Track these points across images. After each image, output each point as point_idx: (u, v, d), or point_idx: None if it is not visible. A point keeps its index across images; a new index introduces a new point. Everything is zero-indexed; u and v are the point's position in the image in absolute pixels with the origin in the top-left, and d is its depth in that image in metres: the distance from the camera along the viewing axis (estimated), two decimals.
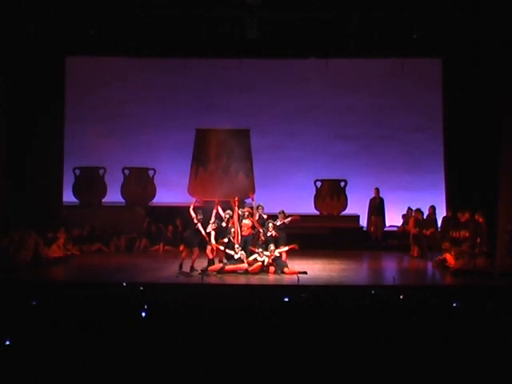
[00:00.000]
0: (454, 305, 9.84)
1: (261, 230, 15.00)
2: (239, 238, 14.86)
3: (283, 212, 15.31)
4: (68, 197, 19.29)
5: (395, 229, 18.40)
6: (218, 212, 15.03)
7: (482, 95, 17.63)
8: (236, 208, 15.05)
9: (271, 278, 14.37)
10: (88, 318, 8.45)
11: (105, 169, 19.61)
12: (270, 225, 15.01)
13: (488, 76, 17.28)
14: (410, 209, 17.76)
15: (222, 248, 14.80)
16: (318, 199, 19.48)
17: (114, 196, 19.56)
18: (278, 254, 14.77)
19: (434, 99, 19.30)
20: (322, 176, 19.70)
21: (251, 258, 14.75)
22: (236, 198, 15.14)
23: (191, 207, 14.89)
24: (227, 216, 15.02)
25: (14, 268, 14.63)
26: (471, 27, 17.02)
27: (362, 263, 17.08)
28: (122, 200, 19.57)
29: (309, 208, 19.40)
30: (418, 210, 17.26)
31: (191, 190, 19.06)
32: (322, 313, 9.02)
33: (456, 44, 17.88)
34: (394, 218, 18.76)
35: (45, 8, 16.82)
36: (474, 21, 16.79)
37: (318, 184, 19.59)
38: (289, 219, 15.22)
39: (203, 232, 14.70)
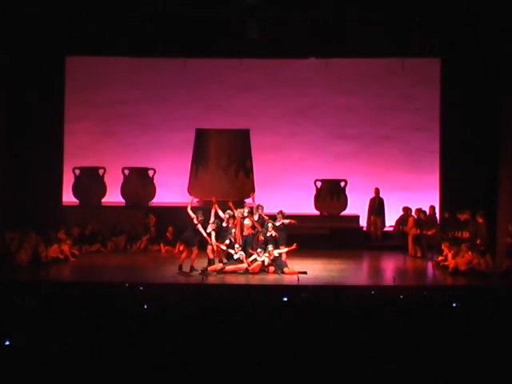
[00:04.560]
0: (454, 305, 9.85)
1: (260, 230, 15.01)
2: (240, 239, 14.92)
3: (282, 212, 15.34)
4: (68, 197, 19.28)
5: (391, 229, 18.37)
6: (216, 212, 15.06)
7: (480, 95, 17.62)
8: (236, 211, 15.11)
9: (271, 277, 14.38)
10: (88, 317, 8.45)
11: (105, 169, 19.59)
12: (270, 225, 15.04)
13: (487, 76, 17.28)
14: (406, 208, 17.71)
15: (224, 248, 14.82)
16: (318, 199, 19.46)
17: (113, 196, 19.55)
18: (277, 255, 14.79)
19: (433, 99, 19.29)
20: (321, 176, 19.69)
21: (251, 259, 14.77)
22: (230, 202, 15.23)
23: (189, 207, 14.94)
24: (227, 216, 15.04)
25: (14, 268, 14.64)
26: (471, 27, 17.01)
27: (361, 263, 17.09)
28: (122, 200, 19.55)
29: (309, 208, 19.39)
30: (419, 210, 17.26)
31: (191, 190, 19.04)
32: (321, 313, 9.02)
33: (455, 44, 17.87)
34: (393, 218, 18.74)
35: (45, 8, 16.82)
36: (473, 21, 16.79)
37: (318, 184, 19.58)
38: (287, 221, 15.25)
39: (204, 233, 14.72)
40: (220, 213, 15.07)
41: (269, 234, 15.00)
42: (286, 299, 10.26)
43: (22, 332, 7.77)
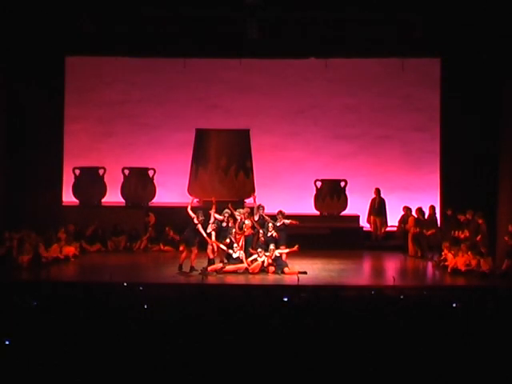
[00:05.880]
0: (454, 305, 9.84)
1: (261, 231, 15.03)
2: (241, 239, 14.95)
3: (282, 213, 15.34)
4: (68, 197, 19.28)
5: (394, 229, 18.38)
6: (215, 212, 15.06)
7: (480, 95, 17.63)
8: (235, 212, 15.13)
9: (271, 277, 14.39)
10: (88, 317, 8.45)
11: (105, 169, 19.59)
12: (270, 225, 15.05)
13: (487, 76, 17.29)
14: (407, 208, 17.72)
15: (224, 248, 14.81)
16: (318, 199, 19.46)
17: (114, 196, 19.55)
18: (278, 255, 14.79)
19: (433, 99, 19.29)
20: (321, 176, 19.69)
21: (251, 258, 14.78)
22: (229, 205, 15.24)
23: (189, 207, 14.96)
24: (226, 215, 15.05)
25: (14, 268, 14.65)
26: (471, 27, 17.01)
27: (362, 263, 17.09)
28: (122, 200, 19.55)
29: (309, 208, 19.39)
30: (419, 210, 17.25)
31: (191, 190, 19.06)
32: (321, 313, 9.02)
33: (455, 44, 17.87)
34: (393, 218, 18.73)
35: (44, 8, 16.82)
36: (473, 21, 16.79)
37: (318, 184, 19.57)
38: (288, 221, 15.26)
39: (204, 233, 14.74)
40: (217, 216, 15.04)
41: (269, 234, 15.01)
42: (286, 299, 10.26)
43: (22, 332, 7.77)
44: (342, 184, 19.52)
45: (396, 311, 9.29)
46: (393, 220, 18.63)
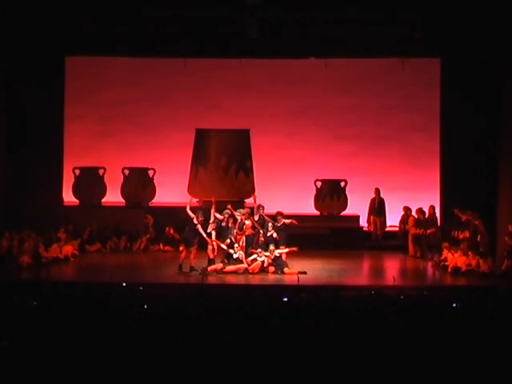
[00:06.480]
0: (454, 305, 9.84)
1: (261, 231, 15.03)
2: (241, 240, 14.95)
3: (281, 213, 15.34)
4: (68, 197, 19.28)
5: (396, 229, 18.38)
6: (215, 212, 15.07)
7: (480, 95, 17.62)
8: (235, 213, 15.13)
9: (271, 277, 14.40)
10: (88, 317, 8.44)
11: (105, 169, 19.60)
12: (270, 225, 15.05)
13: (487, 76, 17.28)
14: (407, 208, 17.73)
15: (224, 247, 14.81)
16: (318, 199, 19.47)
17: (113, 196, 19.55)
18: (278, 254, 14.79)
19: (433, 99, 19.29)
20: (321, 176, 19.69)
21: (251, 258, 14.78)
22: (229, 205, 15.24)
23: (188, 207, 14.96)
24: (226, 215, 15.05)
25: (14, 268, 14.65)
26: (471, 27, 17.01)
27: (362, 263, 17.09)
28: (122, 200, 19.55)
29: (309, 208, 19.40)
30: (419, 210, 17.26)
31: (191, 190, 19.07)
32: (321, 313, 9.02)
33: (455, 44, 17.87)
34: (393, 218, 18.74)
35: (44, 8, 16.82)
36: (473, 21, 16.79)
37: (318, 184, 19.58)
38: (289, 221, 15.26)
39: (203, 234, 14.74)
40: (217, 215, 15.05)
41: (269, 234, 15.01)
42: (286, 299, 10.26)
43: (22, 332, 7.77)
44: (342, 184, 19.53)
45: (396, 311, 9.29)
46: (393, 220, 18.64)
